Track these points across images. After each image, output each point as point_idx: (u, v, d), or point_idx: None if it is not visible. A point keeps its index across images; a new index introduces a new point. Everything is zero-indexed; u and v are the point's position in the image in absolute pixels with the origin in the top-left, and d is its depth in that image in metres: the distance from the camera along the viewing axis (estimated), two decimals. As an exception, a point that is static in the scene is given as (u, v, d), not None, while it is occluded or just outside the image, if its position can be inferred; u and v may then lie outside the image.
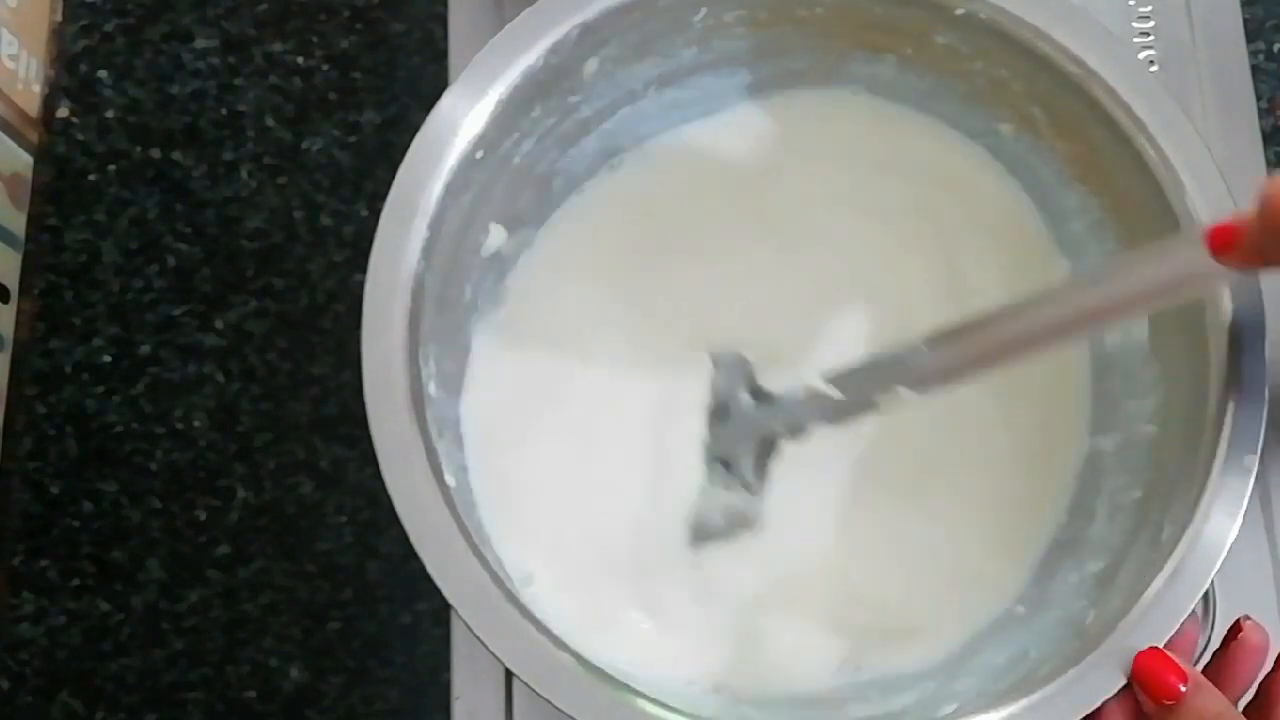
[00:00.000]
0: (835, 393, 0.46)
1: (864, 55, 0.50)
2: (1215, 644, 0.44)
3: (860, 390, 0.45)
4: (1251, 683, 0.41)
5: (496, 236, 0.49)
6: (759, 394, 0.49)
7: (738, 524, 0.48)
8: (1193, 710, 0.38)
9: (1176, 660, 0.39)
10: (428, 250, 0.43)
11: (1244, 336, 0.43)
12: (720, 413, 0.49)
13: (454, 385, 0.47)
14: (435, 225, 0.43)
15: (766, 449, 0.48)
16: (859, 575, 0.49)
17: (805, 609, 0.48)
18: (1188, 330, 0.45)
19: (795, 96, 0.53)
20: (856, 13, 0.49)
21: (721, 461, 0.49)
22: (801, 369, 0.48)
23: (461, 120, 0.44)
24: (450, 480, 0.42)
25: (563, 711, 0.39)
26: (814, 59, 0.51)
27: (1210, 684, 0.39)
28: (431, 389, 0.43)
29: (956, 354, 0.43)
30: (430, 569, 0.40)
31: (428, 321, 0.43)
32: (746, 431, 0.48)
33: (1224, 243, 0.38)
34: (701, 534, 0.48)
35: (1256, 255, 0.37)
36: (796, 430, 0.47)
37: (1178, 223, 0.44)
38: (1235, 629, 0.41)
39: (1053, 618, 0.46)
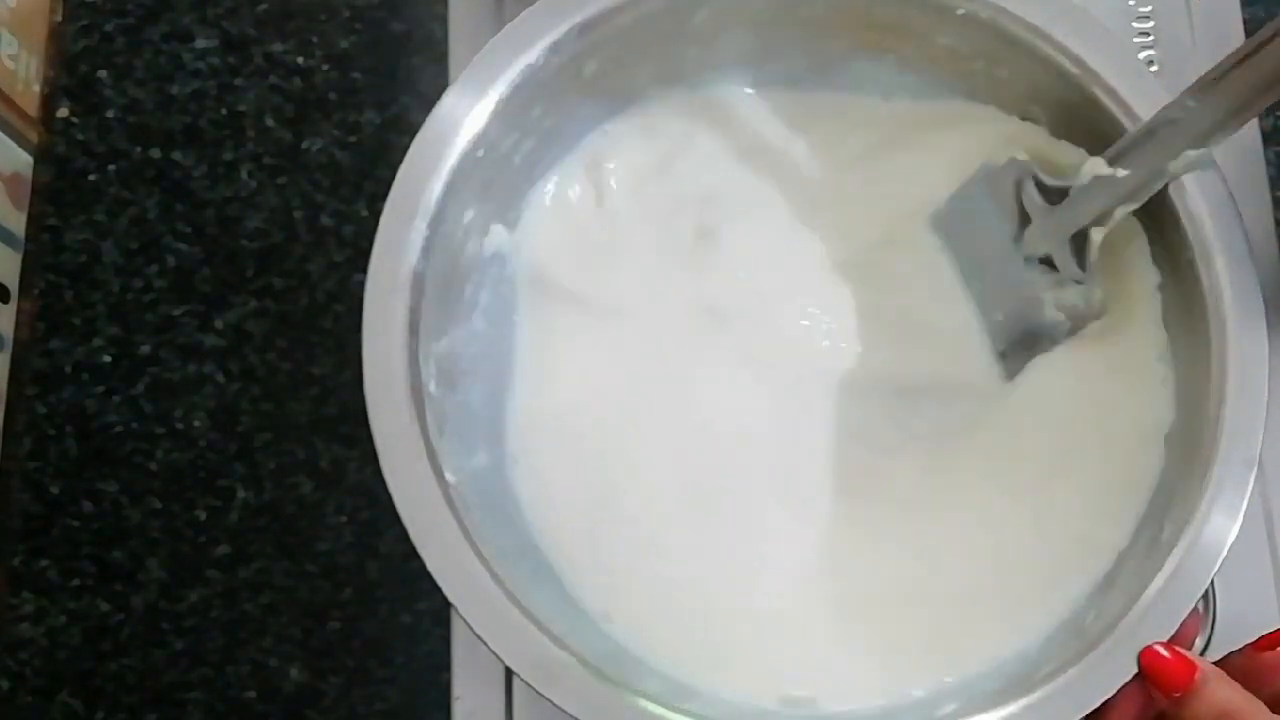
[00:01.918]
0: (1120, 170, 0.45)
1: (865, 55, 0.50)
2: (1215, 644, 0.44)
3: (1145, 162, 0.44)
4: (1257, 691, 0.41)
5: (497, 236, 0.49)
6: (1047, 191, 0.47)
7: (1086, 315, 0.48)
8: (1206, 699, 0.38)
9: (1185, 653, 0.39)
10: (428, 249, 0.43)
11: (1245, 335, 0.43)
12: (1023, 217, 0.48)
13: (456, 383, 0.47)
14: (435, 224, 0.43)
15: (1082, 241, 0.47)
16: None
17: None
18: (1188, 330, 0.45)
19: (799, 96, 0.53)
20: (857, 13, 0.49)
21: (1043, 261, 0.48)
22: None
23: (462, 119, 0.44)
24: (450, 477, 0.42)
25: (563, 710, 0.39)
26: (814, 59, 0.51)
27: (1223, 673, 0.39)
28: (432, 387, 0.43)
29: (1224, 95, 0.42)
30: (431, 568, 0.40)
31: (428, 319, 0.43)
32: (1051, 229, 0.47)
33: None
34: (1043, 339, 0.48)
35: None
36: (1104, 217, 0.46)
37: (1179, 221, 0.44)
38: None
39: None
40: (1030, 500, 0.48)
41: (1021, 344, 0.49)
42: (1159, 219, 0.46)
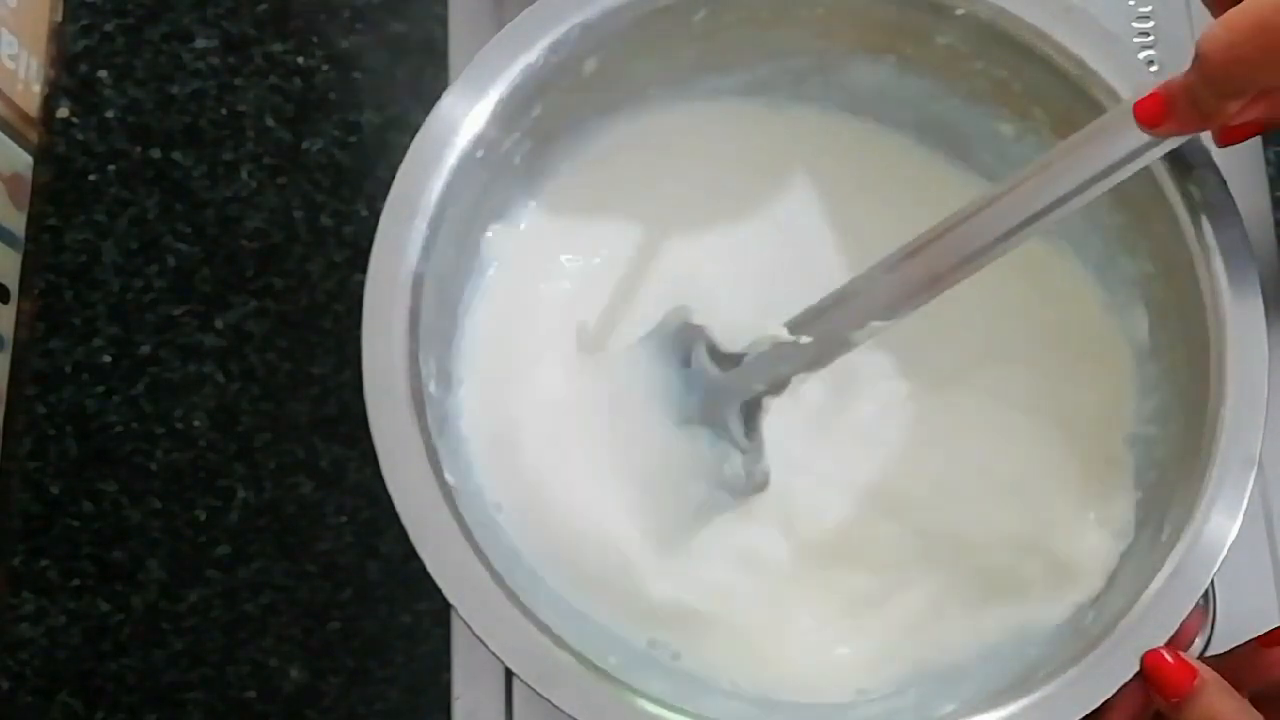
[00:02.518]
0: (801, 337, 0.45)
1: (864, 55, 0.50)
2: (1215, 644, 0.44)
3: (828, 329, 0.44)
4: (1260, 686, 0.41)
5: (496, 235, 0.49)
6: (719, 356, 0.47)
7: (749, 489, 0.47)
8: (1203, 706, 0.38)
9: (1187, 658, 0.39)
10: (428, 249, 0.43)
11: (1245, 335, 0.43)
12: (689, 380, 0.48)
13: (456, 383, 0.47)
14: (435, 224, 0.43)
15: (753, 409, 0.47)
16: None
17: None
18: (1187, 330, 0.45)
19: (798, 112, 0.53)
20: (857, 13, 0.49)
21: (710, 428, 0.47)
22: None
23: (462, 119, 0.44)
24: (449, 477, 0.42)
25: (563, 711, 0.39)
26: (814, 59, 0.51)
27: (1224, 681, 0.39)
28: (431, 387, 0.43)
29: (914, 272, 0.43)
30: (430, 568, 0.40)
31: (428, 321, 0.43)
32: (720, 396, 0.47)
33: (1154, 112, 0.38)
34: (707, 507, 0.47)
35: (1193, 115, 0.38)
36: (778, 385, 0.46)
37: (1177, 219, 0.44)
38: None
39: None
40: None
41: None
42: (1158, 219, 0.46)
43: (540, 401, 0.48)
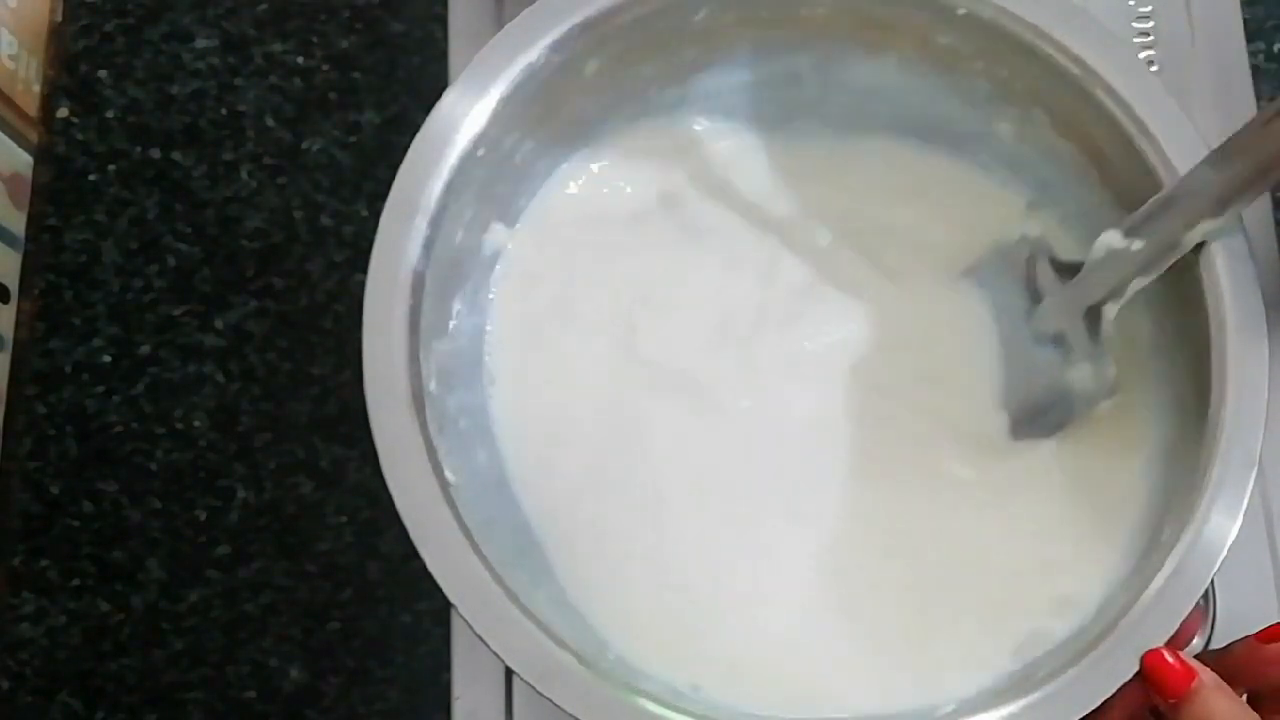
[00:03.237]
0: (1136, 243, 0.44)
1: (865, 55, 0.50)
2: (1215, 644, 0.44)
3: (1162, 233, 0.44)
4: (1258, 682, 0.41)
5: (497, 234, 0.49)
6: (1060, 267, 0.47)
7: (1098, 395, 0.47)
8: (1200, 707, 0.38)
9: (1186, 659, 0.39)
10: (428, 248, 0.43)
11: (1245, 335, 0.43)
12: (1034, 294, 0.48)
13: (457, 381, 0.47)
14: (436, 223, 0.43)
15: (1095, 317, 0.46)
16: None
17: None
18: (1187, 330, 0.45)
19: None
20: (858, 12, 0.49)
21: (1055, 340, 0.47)
22: None
23: (463, 119, 0.44)
24: (450, 476, 0.42)
25: (564, 710, 0.39)
26: (815, 58, 0.51)
27: (1222, 682, 0.39)
28: (432, 385, 0.43)
29: (1243, 165, 0.42)
30: (430, 566, 0.40)
31: (428, 319, 0.43)
32: (1064, 306, 0.47)
33: None
34: (1052, 419, 0.48)
35: None
36: (1118, 291, 0.45)
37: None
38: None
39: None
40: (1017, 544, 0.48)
41: (1030, 420, 0.49)
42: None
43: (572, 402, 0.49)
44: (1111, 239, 0.45)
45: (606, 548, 0.47)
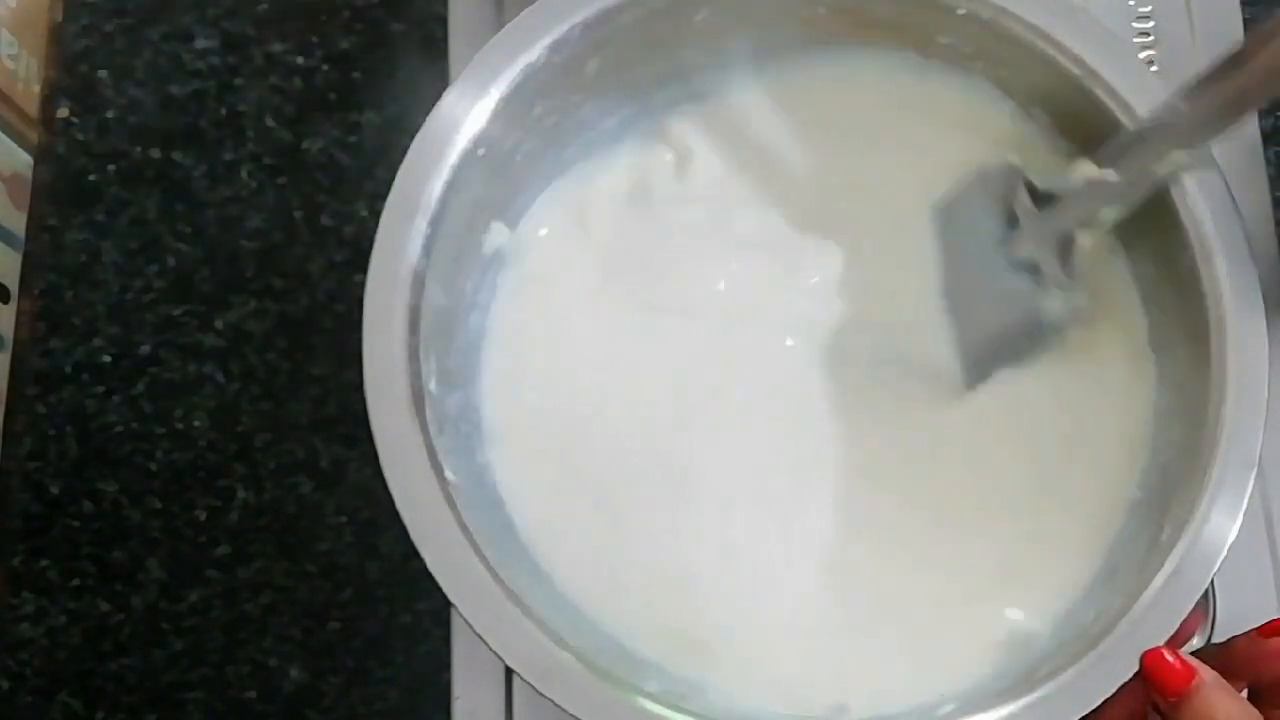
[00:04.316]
0: (1111, 175, 0.45)
1: (865, 55, 0.50)
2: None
3: (1135, 163, 0.45)
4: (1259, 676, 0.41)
5: (498, 234, 0.49)
6: (1037, 195, 0.48)
7: (1068, 322, 0.48)
8: (1200, 706, 0.38)
9: (1186, 658, 0.39)
10: (428, 247, 0.43)
11: (1245, 335, 0.43)
12: (1012, 221, 0.48)
13: (457, 381, 0.47)
14: (436, 222, 0.43)
15: (1068, 245, 0.47)
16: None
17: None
18: (1187, 330, 0.45)
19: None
20: (858, 12, 0.49)
21: (1028, 268, 0.48)
22: None
23: (463, 118, 0.44)
24: (450, 476, 0.42)
25: (563, 710, 0.39)
26: (816, 58, 0.51)
27: (1223, 680, 0.39)
28: (432, 385, 0.43)
29: (1213, 98, 0.42)
30: (431, 566, 0.40)
31: (428, 318, 0.43)
32: (1040, 233, 0.47)
33: None
34: (1018, 349, 0.48)
35: None
36: (1089, 220, 0.46)
37: (1179, 221, 0.44)
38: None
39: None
40: (1001, 517, 0.48)
41: (994, 352, 0.49)
42: (1158, 219, 0.46)
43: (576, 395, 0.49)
44: (1087, 168, 0.46)
45: (598, 550, 0.47)
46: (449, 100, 0.45)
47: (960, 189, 0.50)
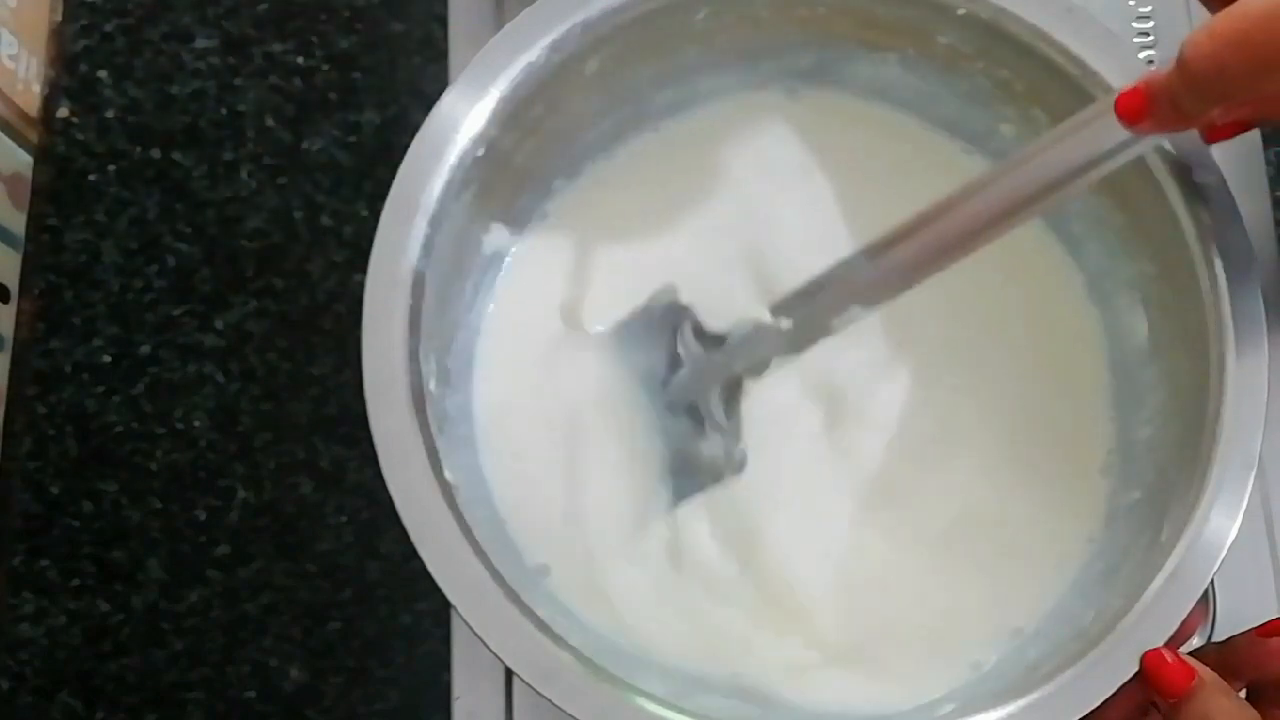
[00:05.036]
0: (784, 322, 0.45)
1: (865, 54, 0.50)
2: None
3: (810, 314, 0.45)
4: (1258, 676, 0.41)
5: (497, 234, 0.49)
6: (703, 336, 0.48)
7: (725, 469, 0.47)
8: (1199, 707, 0.38)
9: (1186, 658, 0.39)
10: (428, 247, 0.43)
11: (1245, 335, 0.43)
12: (673, 361, 0.48)
13: (457, 381, 0.47)
14: (436, 222, 0.43)
15: (733, 390, 0.47)
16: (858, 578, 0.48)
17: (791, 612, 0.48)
18: (1187, 330, 0.45)
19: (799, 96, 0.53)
20: (858, 12, 0.49)
21: (687, 410, 0.48)
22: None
23: (463, 118, 0.44)
24: (449, 476, 0.42)
25: (563, 710, 0.39)
26: (816, 58, 0.51)
27: (1222, 681, 0.39)
28: (431, 385, 0.43)
29: (898, 258, 0.43)
30: (430, 566, 0.40)
31: (428, 318, 0.43)
32: (702, 376, 0.47)
33: (1135, 109, 0.38)
34: (681, 489, 0.48)
35: (1173, 116, 0.37)
36: (758, 368, 0.46)
37: (1177, 219, 0.44)
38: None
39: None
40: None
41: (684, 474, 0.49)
42: (1157, 218, 0.46)
43: (550, 395, 0.49)
44: (759, 313, 0.46)
45: (588, 555, 0.47)
46: (449, 99, 0.45)
47: (625, 320, 0.50)
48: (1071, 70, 0.46)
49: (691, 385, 0.48)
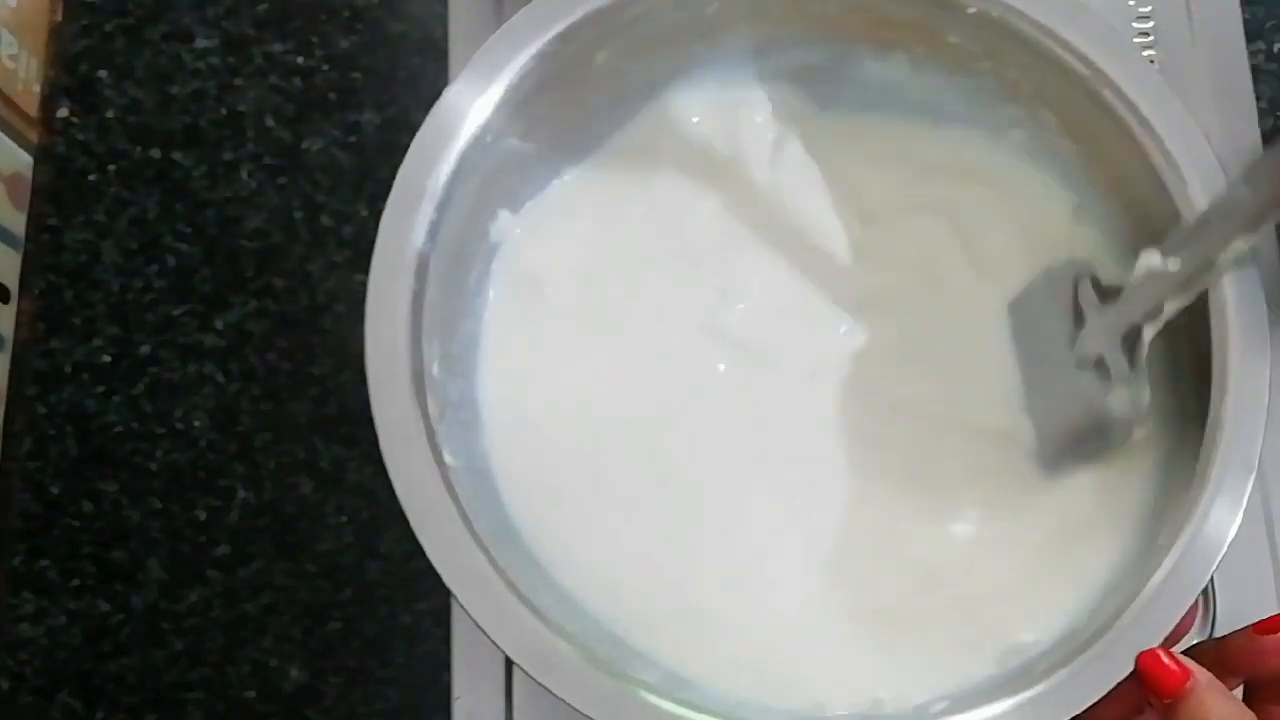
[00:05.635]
0: (1175, 264, 0.44)
1: (874, 52, 0.50)
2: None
3: (1198, 253, 0.43)
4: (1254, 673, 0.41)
5: (504, 223, 0.49)
6: (1102, 290, 0.47)
7: (1132, 421, 0.47)
8: (1194, 708, 0.38)
9: (1181, 659, 0.39)
10: (434, 233, 0.43)
11: (1246, 336, 0.43)
12: (1078, 318, 0.48)
13: (460, 368, 0.47)
14: (442, 208, 0.43)
15: (1134, 340, 0.46)
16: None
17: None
18: (1188, 330, 0.45)
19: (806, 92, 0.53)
20: (868, 10, 0.49)
21: (1094, 365, 0.47)
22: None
23: (471, 106, 0.44)
24: (450, 460, 0.41)
25: (561, 699, 0.39)
26: (825, 55, 0.51)
27: (1217, 682, 0.39)
28: (434, 370, 0.43)
29: (1276, 183, 0.41)
30: (429, 553, 0.40)
31: (432, 304, 0.43)
32: (1105, 328, 0.47)
33: None
34: (1088, 448, 0.48)
35: None
36: (1155, 312, 0.45)
37: (1180, 218, 0.44)
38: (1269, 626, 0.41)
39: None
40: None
41: (1066, 451, 0.48)
42: (1159, 219, 0.46)
43: (556, 383, 0.49)
44: (1150, 259, 0.45)
45: (593, 543, 0.47)
46: (457, 87, 0.44)
47: (1028, 287, 0.50)
48: (1081, 70, 0.46)
49: (1096, 339, 0.47)
